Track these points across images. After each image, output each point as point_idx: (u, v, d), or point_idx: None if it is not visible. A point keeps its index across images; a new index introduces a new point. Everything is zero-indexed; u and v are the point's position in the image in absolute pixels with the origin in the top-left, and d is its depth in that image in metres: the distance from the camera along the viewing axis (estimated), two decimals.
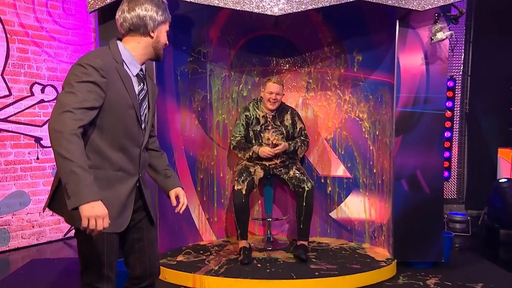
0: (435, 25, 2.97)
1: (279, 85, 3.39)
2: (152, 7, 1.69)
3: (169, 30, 1.75)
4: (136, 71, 1.67)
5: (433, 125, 3.11)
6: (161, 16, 1.70)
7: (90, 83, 1.50)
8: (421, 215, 3.14)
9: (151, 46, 1.70)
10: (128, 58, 1.65)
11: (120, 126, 1.61)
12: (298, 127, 3.53)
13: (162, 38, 1.72)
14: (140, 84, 1.68)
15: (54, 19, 3.98)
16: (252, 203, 3.83)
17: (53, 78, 3.99)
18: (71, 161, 1.39)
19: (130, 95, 1.62)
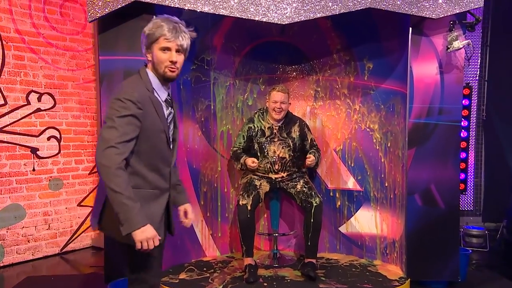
0: (450, 33, 2.99)
1: (283, 94, 3.42)
2: (147, 29, 1.86)
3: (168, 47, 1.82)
4: (165, 96, 1.89)
5: (448, 137, 3.13)
6: (152, 32, 1.83)
7: (129, 116, 1.75)
8: (435, 231, 3.16)
9: (154, 68, 1.86)
10: (156, 84, 1.87)
11: (154, 149, 1.86)
12: (309, 139, 3.57)
13: (156, 58, 1.84)
14: (168, 108, 1.90)
15: (51, 25, 4.04)
16: (258, 217, 3.86)
17: (50, 85, 4.04)
18: (121, 193, 1.69)
19: (162, 120, 1.85)
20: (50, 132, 4.05)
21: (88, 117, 4.32)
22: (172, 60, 1.83)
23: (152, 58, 1.85)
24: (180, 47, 1.86)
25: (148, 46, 1.86)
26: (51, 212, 4.06)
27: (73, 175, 4.22)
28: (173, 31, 1.84)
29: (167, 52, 1.84)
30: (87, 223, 4.33)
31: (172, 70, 1.86)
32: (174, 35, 1.83)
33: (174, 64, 1.85)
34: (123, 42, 3.09)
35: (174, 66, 1.85)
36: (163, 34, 1.82)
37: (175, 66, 1.86)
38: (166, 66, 1.84)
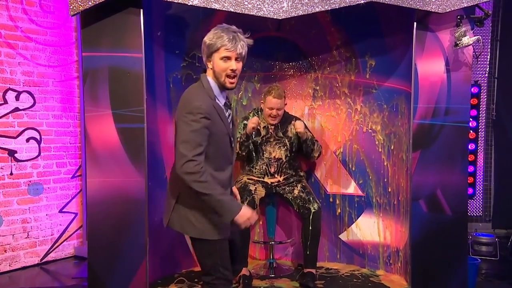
0: (457, 29, 3.00)
1: (279, 99, 3.42)
2: (207, 38, 2.14)
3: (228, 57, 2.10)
4: (224, 101, 2.21)
5: (455, 139, 3.15)
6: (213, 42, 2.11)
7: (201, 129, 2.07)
8: (442, 239, 3.17)
9: (215, 75, 2.15)
10: (216, 91, 2.17)
11: (220, 152, 2.19)
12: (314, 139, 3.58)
13: (216, 67, 2.13)
14: (227, 111, 2.23)
15: (31, 18, 4.02)
16: (253, 224, 3.83)
17: (29, 83, 4.02)
18: (211, 194, 2.07)
19: (225, 124, 2.18)
20: (29, 133, 4.03)
21: (71, 117, 4.31)
22: (233, 69, 2.11)
23: (213, 66, 2.14)
24: (239, 55, 2.13)
25: (209, 55, 2.14)
26: (30, 219, 4.05)
27: (54, 179, 4.21)
28: (233, 41, 2.10)
29: (227, 61, 2.11)
30: (70, 230, 4.32)
31: (231, 82, 2.15)
32: (234, 45, 2.09)
33: (233, 71, 2.12)
34: (108, 37, 3.08)
35: (234, 73, 2.13)
36: (223, 44, 2.09)
37: (235, 73, 2.14)
38: (226, 75, 2.12)
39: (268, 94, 3.45)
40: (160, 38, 3.43)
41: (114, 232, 3.10)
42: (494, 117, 5.09)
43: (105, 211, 3.09)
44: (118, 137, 3.04)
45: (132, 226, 3.05)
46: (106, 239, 3.12)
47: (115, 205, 3.05)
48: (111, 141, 3.04)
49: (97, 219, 3.14)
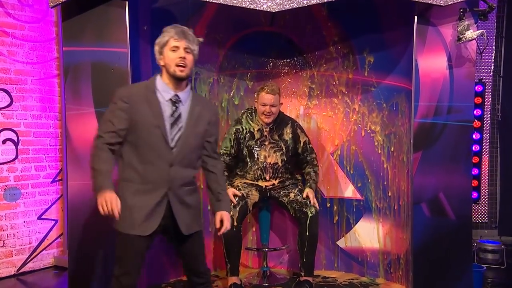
0: (460, 22, 3.03)
1: (273, 95, 3.44)
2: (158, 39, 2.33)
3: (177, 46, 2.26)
4: (169, 97, 2.31)
5: (458, 138, 3.17)
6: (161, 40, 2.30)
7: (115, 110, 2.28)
8: (445, 245, 3.18)
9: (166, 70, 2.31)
10: (161, 86, 2.32)
11: (146, 143, 2.27)
12: (302, 141, 3.59)
13: (167, 59, 2.30)
14: (172, 107, 2.30)
15: (7, 11, 4.01)
16: (245, 230, 3.87)
17: (6, 81, 4.00)
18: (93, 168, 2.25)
19: (156, 117, 2.27)
20: (5, 134, 4.00)
21: (51, 117, 4.29)
22: (181, 56, 2.26)
23: (164, 61, 2.30)
24: (188, 47, 2.29)
25: (160, 52, 2.32)
26: (6, 226, 4.01)
27: (33, 183, 4.18)
28: (181, 33, 2.29)
29: (176, 50, 2.27)
30: (49, 239, 4.29)
31: (181, 70, 2.27)
32: (182, 35, 2.29)
33: (183, 60, 2.26)
34: (91, 31, 3.09)
35: (183, 61, 2.27)
36: (171, 36, 2.28)
37: (184, 62, 2.27)
38: (176, 64, 2.26)
39: (261, 90, 3.47)
40: (147, 32, 3.42)
41: (97, 239, 3.08)
42: (499, 118, 5.12)
43: (87, 217, 3.07)
44: None
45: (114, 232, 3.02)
46: (88, 247, 3.11)
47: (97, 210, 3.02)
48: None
49: (79, 225, 3.12)
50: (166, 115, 2.29)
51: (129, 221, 2.27)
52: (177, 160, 2.31)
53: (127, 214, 2.26)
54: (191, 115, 2.36)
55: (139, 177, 2.29)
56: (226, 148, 3.57)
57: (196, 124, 2.37)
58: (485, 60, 5.01)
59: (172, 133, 2.30)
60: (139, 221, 2.27)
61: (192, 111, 2.36)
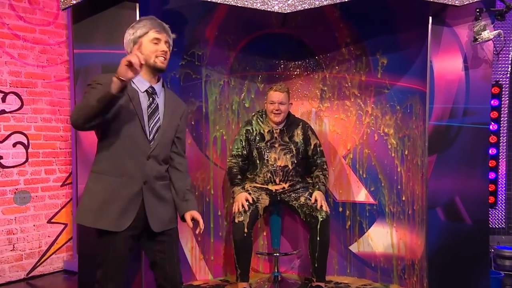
0: (476, 23, 2.99)
1: (281, 93, 3.45)
2: (130, 30, 2.32)
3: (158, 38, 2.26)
4: (145, 87, 2.28)
5: (474, 141, 3.14)
6: (138, 30, 2.28)
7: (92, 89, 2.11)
8: (461, 251, 3.14)
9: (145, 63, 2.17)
10: (136, 77, 2.16)
11: (123, 133, 2.21)
12: (313, 144, 3.58)
13: (146, 50, 2.25)
14: (149, 99, 2.28)
15: (18, 14, 4.04)
16: (256, 235, 3.86)
17: (17, 84, 4.03)
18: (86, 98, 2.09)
19: (135, 106, 2.22)
20: (16, 137, 4.03)
21: (61, 120, 4.31)
22: (163, 50, 2.26)
23: (141, 51, 2.23)
24: (168, 41, 2.31)
25: (135, 42, 2.28)
26: (16, 230, 4.03)
27: (43, 187, 4.19)
28: (161, 26, 2.31)
29: (158, 43, 2.27)
30: (59, 243, 4.30)
31: (162, 61, 2.27)
32: (163, 29, 2.30)
33: (164, 53, 2.26)
34: (101, 33, 3.09)
35: (164, 55, 2.27)
36: (153, 27, 2.27)
37: (165, 56, 2.28)
38: (157, 56, 2.25)
39: (270, 89, 3.50)
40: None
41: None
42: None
43: None
44: None
45: None
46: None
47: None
48: None
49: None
50: (143, 107, 2.26)
51: (105, 217, 2.19)
52: (154, 153, 2.27)
53: (102, 208, 2.19)
54: (167, 108, 2.34)
55: (115, 169, 2.22)
56: (238, 149, 3.56)
57: (172, 118, 2.36)
58: (502, 61, 4.95)
59: (150, 125, 2.27)
60: (115, 216, 2.19)
61: (168, 104, 2.35)
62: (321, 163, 3.59)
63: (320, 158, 3.60)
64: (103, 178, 2.23)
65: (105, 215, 2.19)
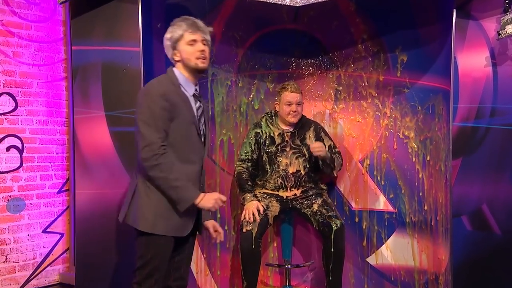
0: (505, 15, 2.95)
1: (298, 93, 3.45)
2: (167, 34, 2.42)
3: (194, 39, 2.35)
4: (192, 91, 2.43)
5: (503, 144, 3.08)
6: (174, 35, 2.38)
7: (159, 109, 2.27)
8: (490, 263, 3.09)
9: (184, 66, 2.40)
10: (183, 80, 2.41)
11: (186, 141, 2.36)
12: (327, 146, 3.53)
13: (184, 53, 2.37)
14: (197, 102, 2.44)
15: (13, 9, 4.03)
16: (266, 245, 3.82)
17: (11, 84, 4.01)
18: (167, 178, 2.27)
19: (190, 113, 2.38)
20: (9, 141, 4.01)
21: (58, 122, 4.29)
22: (201, 49, 2.36)
23: (180, 55, 2.39)
24: (204, 39, 2.40)
25: (174, 47, 2.39)
26: (9, 240, 4.00)
27: (38, 194, 4.17)
28: (195, 25, 2.38)
29: (194, 44, 2.36)
30: (55, 254, 4.27)
31: (203, 61, 2.38)
32: (197, 28, 2.38)
33: (203, 53, 2.37)
34: (101, 29, 3.09)
35: (203, 54, 2.37)
36: (185, 29, 2.36)
37: (204, 55, 2.38)
38: (196, 58, 2.36)
39: (284, 90, 3.46)
40: (161, 30, 3.38)
41: (106, 253, 3.06)
42: None
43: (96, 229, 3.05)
44: (112, 143, 3.03)
45: (127, 246, 2.99)
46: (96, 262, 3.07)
47: (107, 221, 3.02)
48: (104, 147, 3.02)
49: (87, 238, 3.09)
50: (195, 110, 2.41)
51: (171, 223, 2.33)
52: (205, 156, 2.49)
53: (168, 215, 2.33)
54: (205, 108, 2.53)
55: (184, 176, 2.34)
56: (247, 154, 3.52)
57: (207, 118, 2.56)
58: None
59: (201, 128, 2.45)
60: (182, 223, 2.36)
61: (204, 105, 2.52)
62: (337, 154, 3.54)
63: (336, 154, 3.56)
64: None
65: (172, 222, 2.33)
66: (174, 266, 2.50)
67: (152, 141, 2.26)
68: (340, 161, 3.54)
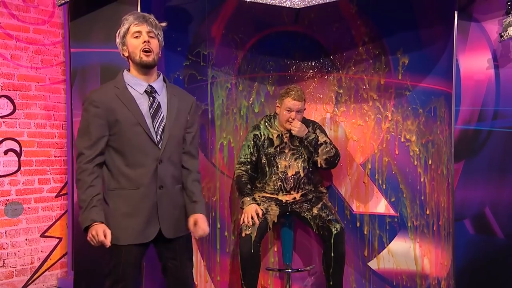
0: (507, 17, 2.95)
1: (300, 102, 3.41)
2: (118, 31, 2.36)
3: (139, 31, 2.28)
4: (143, 88, 2.32)
5: (506, 147, 3.09)
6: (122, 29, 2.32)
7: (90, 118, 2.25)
8: (493, 267, 3.09)
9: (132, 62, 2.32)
10: (130, 80, 2.33)
11: (131, 144, 2.26)
12: (322, 141, 3.46)
13: (130, 47, 2.30)
14: (149, 99, 2.32)
15: (11, 12, 4.03)
16: (266, 249, 3.81)
17: (9, 87, 4.01)
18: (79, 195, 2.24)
19: (134, 114, 2.27)
20: (7, 144, 4.00)
21: (56, 126, 4.28)
22: (145, 40, 2.26)
23: (128, 50, 2.32)
24: (151, 31, 2.30)
25: (123, 42, 2.34)
26: (6, 244, 3.99)
27: (36, 198, 4.16)
28: (141, 17, 2.31)
29: (139, 36, 2.28)
30: (53, 258, 4.25)
31: (147, 54, 2.27)
32: (143, 19, 2.30)
33: (147, 44, 2.26)
34: (100, 31, 3.09)
35: (148, 46, 2.26)
36: (132, 22, 2.30)
37: (149, 47, 2.27)
38: (140, 50, 2.27)
39: (287, 95, 3.42)
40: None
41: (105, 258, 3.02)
42: None
43: None
44: None
45: None
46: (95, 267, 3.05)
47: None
48: None
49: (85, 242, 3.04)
50: (144, 109, 2.29)
51: (130, 231, 2.27)
52: (165, 155, 2.33)
53: (126, 224, 2.27)
54: (170, 105, 2.37)
55: (130, 182, 2.28)
56: (246, 156, 3.52)
57: (178, 114, 2.39)
58: None
59: (155, 126, 2.31)
60: (141, 229, 2.28)
61: (171, 101, 2.38)
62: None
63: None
64: (120, 193, 2.30)
65: (131, 230, 2.27)
66: (170, 273, 2.45)
67: (80, 152, 2.25)
68: (330, 151, 3.41)
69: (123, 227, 2.27)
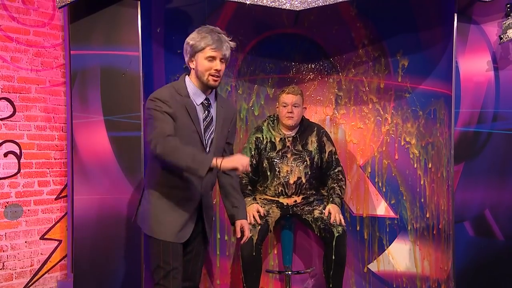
0: (506, 20, 2.97)
1: (295, 95, 3.42)
2: (189, 40, 2.46)
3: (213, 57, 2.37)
4: (200, 100, 2.46)
5: (505, 149, 3.10)
6: (198, 42, 2.40)
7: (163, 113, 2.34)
8: (492, 270, 3.10)
9: (197, 75, 2.43)
10: (192, 89, 2.46)
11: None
12: (327, 151, 3.52)
13: (200, 67, 2.41)
14: (204, 112, 2.46)
15: (11, 14, 4.03)
16: (266, 251, 3.80)
17: (9, 89, 4.01)
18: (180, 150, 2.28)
19: (194, 122, 2.41)
20: (7, 146, 4.00)
21: (56, 128, 4.28)
22: (217, 69, 2.39)
23: (196, 66, 2.43)
24: (223, 56, 2.42)
25: (192, 55, 2.44)
26: (6, 247, 3.98)
27: (36, 200, 4.15)
28: (219, 41, 2.40)
29: (212, 61, 2.39)
30: (52, 261, 4.25)
31: (215, 80, 2.41)
32: (220, 45, 2.39)
33: (218, 72, 2.39)
34: (100, 33, 3.09)
35: (218, 73, 2.40)
36: (209, 44, 2.38)
37: (219, 74, 2.41)
38: (210, 75, 2.39)
39: (282, 92, 3.47)
40: (160, 34, 3.44)
41: (105, 260, 3.05)
42: None
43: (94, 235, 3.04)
44: (111, 148, 3.02)
45: (126, 252, 2.99)
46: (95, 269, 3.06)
47: (106, 227, 3.01)
48: (102, 152, 3.02)
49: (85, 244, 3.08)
50: (200, 119, 2.45)
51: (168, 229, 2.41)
52: None
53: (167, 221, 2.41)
54: (219, 117, 2.52)
55: (183, 183, 2.42)
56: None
57: (223, 127, 2.54)
58: None
59: (206, 137, 2.46)
60: (177, 230, 2.42)
61: (219, 114, 2.52)
62: (336, 174, 3.51)
63: (336, 168, 3.53)
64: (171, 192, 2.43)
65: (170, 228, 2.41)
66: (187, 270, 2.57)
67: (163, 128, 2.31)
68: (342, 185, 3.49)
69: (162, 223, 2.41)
